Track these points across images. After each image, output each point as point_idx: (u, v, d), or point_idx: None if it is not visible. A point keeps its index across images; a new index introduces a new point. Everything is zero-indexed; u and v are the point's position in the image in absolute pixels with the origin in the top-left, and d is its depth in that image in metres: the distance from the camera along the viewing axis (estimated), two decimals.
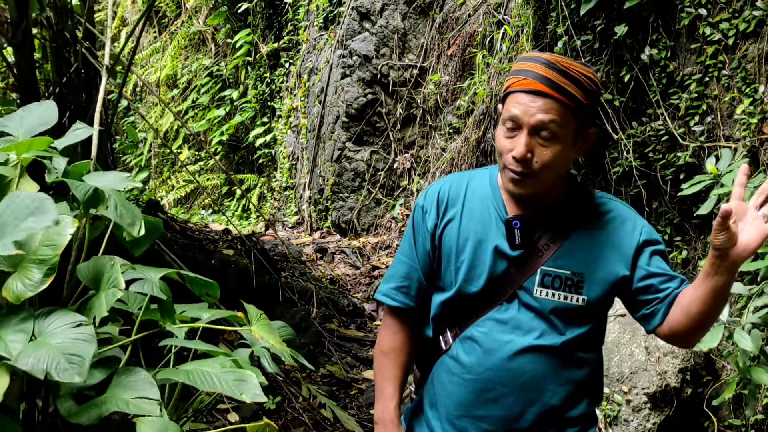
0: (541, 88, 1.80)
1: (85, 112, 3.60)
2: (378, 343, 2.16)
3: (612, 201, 2.00)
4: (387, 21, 7.91)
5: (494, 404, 1.91)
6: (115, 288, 2.01)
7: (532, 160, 1.82)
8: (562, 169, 1.91)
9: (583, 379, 1.95)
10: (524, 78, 1.84)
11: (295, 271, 6.12)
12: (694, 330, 1.85)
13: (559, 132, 1.81)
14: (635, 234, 1.92)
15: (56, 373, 1.77)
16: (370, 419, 4.31)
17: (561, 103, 1.80)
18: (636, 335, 4.15)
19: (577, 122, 1.84)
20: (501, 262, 1.93)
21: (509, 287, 1.92)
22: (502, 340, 1.90)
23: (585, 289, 1.89)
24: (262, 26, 10.70)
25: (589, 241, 1.91)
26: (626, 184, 4.61)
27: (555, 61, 1.83)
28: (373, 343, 5.40)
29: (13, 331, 1.86)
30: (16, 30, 3.35)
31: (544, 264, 1.90)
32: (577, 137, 1.87)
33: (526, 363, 1.89)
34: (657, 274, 1.89)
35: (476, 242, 1.95)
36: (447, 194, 2.04)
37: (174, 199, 11.89)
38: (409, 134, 7.87)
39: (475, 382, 1.93)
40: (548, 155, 1.82)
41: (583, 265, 1.89)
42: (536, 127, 1.80)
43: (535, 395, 1.90)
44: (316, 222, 8.74)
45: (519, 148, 1.81)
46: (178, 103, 12.28)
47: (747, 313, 3.08)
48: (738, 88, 3.93)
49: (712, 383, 4.09)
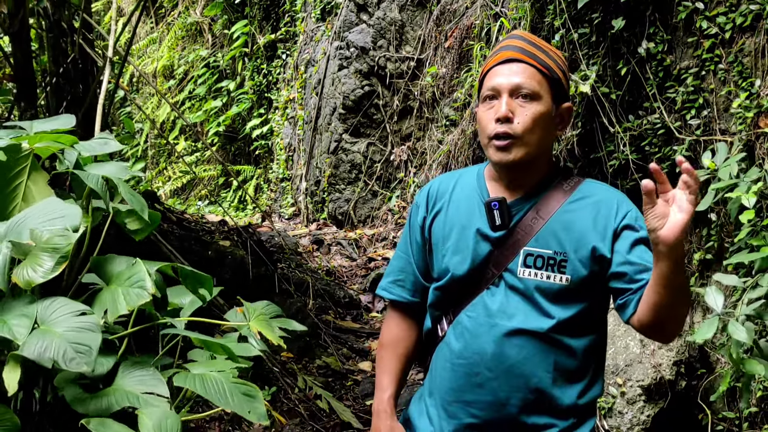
0: (515, 55, 1.93)
1: (81, 102, 3.60)
2: (379, 337, 2.21)
3: (597, 184, 2.01)
4: (384, 13, 7.90)
5: (481, 389, 1.92)
6: (142, 289, 2.03)
7: (514, 120, 1.89)
8: (545, 136, 1.94)
9: (573, 367, 1.92)
10: (499, 53, 1.96)
11: (291, 262, 6.13)
12: (658, 322, 1.81)
13: (536, 92, 1.90)
14: (617, 217, 1.92)
15: (64, 362, 1.79)
16: (365, 410, 4.32)
17: (534, 67, 1.91)
18: (631, 328, 4.16)
19: (552, 90, 1.93)
20: (484, 244, 1.96)
21: (495, 269, 1.94)
22: (489, 324, 1.91)
23: (568, 268, 1.89)
24: (260, 17, 10.68)
25: (572, 221, 1.92)
26: (622, 177, 4.62)
27: (525, 35, 1.98)
28: (368, 334, 5.42)
29: (16, 316, 1.88)
30: (13, 20, 3.35)
31: (526, 244, 1.92)
32: (555, 106, 1.94)
33: (511, 347, 1.89)
34: (634, 263, 1.87)
35: (461, 228, 2.01)
36: (437, 189, 2.12)
37: (170, 190, 11.87)
38: (406, 126, 7.87)
39: (464, 366, 1.95)
40: (529, 114, 1.89)
41: (565, 245, 1.90)
42: (515, 88, 1.90)
43: (521, 381, 1.89)
44: (312, 213, 8.75)
45: (501, 109, 1.89)
46: (175, 94, 12.25)
47: (741, 305, 3.10)
48: (734, 81, 3.94)
49: (706, 376, 4.12)
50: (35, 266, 1.90)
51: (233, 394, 2.03)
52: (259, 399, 2.06)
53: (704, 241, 4.12)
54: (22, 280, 1.88)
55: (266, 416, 2.08)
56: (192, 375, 2.06)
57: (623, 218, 1.92)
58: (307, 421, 4.05)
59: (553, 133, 1.99)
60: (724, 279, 3.23)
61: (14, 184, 2.10)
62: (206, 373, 2.07)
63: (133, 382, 2.05)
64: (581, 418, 1.95)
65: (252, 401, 2.04)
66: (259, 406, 2.05)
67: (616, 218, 1.92)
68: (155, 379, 2.06)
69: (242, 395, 2.04)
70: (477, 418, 1.94)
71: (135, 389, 2.01)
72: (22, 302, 1.96)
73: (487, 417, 1.93)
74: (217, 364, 2.18)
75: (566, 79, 1.99)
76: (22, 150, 2.11)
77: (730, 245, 3.94)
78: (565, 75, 1.98)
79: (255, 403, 2.04)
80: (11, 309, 1.93)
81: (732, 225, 3.92)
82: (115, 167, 2.25)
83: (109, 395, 1.99)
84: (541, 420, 1.91)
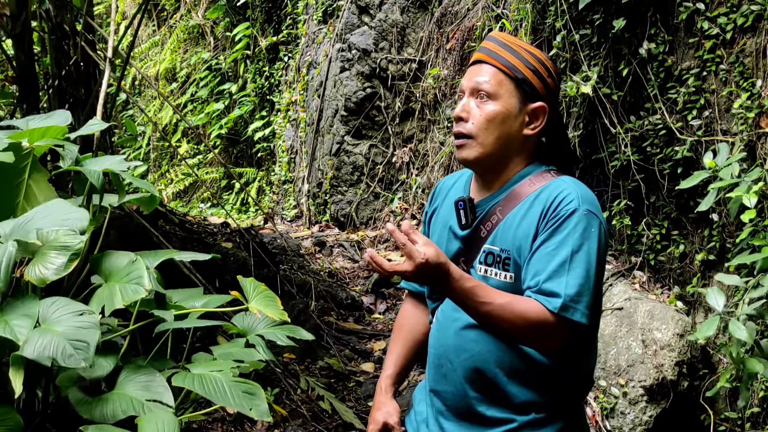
0: (480, 57, 1.98)
1: (84, 104, 3.61)
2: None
3: (560, 181, 1.93)
4: (386, 15, 7.90)
5: (446, 380, 1.99)
6: (138, 285, 2.04)
7: (468, 121, 1.94)
8: (503, 135, 1.94)
9: (528, 366, 1.89)
10: (474, 55, 2.02)
11: (293, 264, 6.13)
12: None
13: (493, 92, 1.93)
14: (542, 215, 1.87)
15: (62, 359, 1.80)
16: (368, 411, 4.32)
17: (497, 68, 1.95)
18: (633, 329, 4.17)
19: (518, 91, 1.94)
20: (454, 241, 2.03)
21: (464, 265, 1.98)
22: (452, 317, 1.97)
23: (511, 266, 1.90)
24: (261, 20, 10.69)
25: (521, 218, 1.91)
26: (624, 178, 4.62)
27: (498, 36, 2.01)
28: (370, 336, 5.42)
29: (18, 316, 1.89)
30: (16, 22, 3.36)
31: (486, 242, 1.95)
32: (521, 107, 1.95)
33: (469, 341, 1.93)
34: (532, 266, 1.85)
35: (443, 225, 2.09)
36: (440, 187, 2.22)
37: (173, 193, 11.88)
38: (408, 128, 7.87)
39: (435, 357, 2.03)
40: (483, 114, 1.93)
41: (510, 243, 1.90)
42: (473, 89, 1.96)
43: (476, 374, 1.92)
44: (314, 215, 8.75)
45: (457, 109, 1.96)
46: (177, 97, 12.27)
47: (742, 304, 3.10)
48: (735, 82, 3.94)
49: (708, 376, 4.11)
50: (47, 264, 1.91)
51: (234, 393, 2.03)
52: (260, 396, 2.06)
53: (706, 242, 4.12)
54: (35, 277, 1.89)
55: (269, 413, 2.08)
56: (191, 375, 2.06)
57: (543, 217, 1.87)
58: (310, 422, 4.05)
59: (520, 132, 1.96)
60: (725, 279, 3.23)
61: (15, 183, 2.11)
62: (205, 373, 2.07)
63: (137, 388, 2.04)
64: (549, 415, 1.91)
65: (253, 398, 2.04)
66: (260, 402, 2.05)
67: (539, 219, 1.87)
68: (161, 386, 2.06)
69: (243, 393, 2.04)
70: (446, 406, 2.00)
71: (139, 396, 2.01)
72: (25, 302, 1.97)
73: (453, 407, 1.98)
74: (218, 364, 2.18)
75: (540, 78, 1.96)
76: (22, 149, 2.11)
77: (732, 245, 3.94)
78: (536, 74, 1.95)
79: (256, 400, 2.04)
80: (14, 309, 1.94)
81: (734, 225, 3.92)
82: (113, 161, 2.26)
83: (114, 401, 1.98)
84: (500, 414, 1.91)
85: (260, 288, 2.34)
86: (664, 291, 4.51)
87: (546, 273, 1.80)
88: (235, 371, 2.11)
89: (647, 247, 4.56)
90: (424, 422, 2.07)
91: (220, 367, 2.14)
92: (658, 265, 4.55)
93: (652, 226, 4.51)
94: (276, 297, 2.37)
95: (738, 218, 3.47)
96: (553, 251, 1.81)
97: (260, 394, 2.07)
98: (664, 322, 4.13)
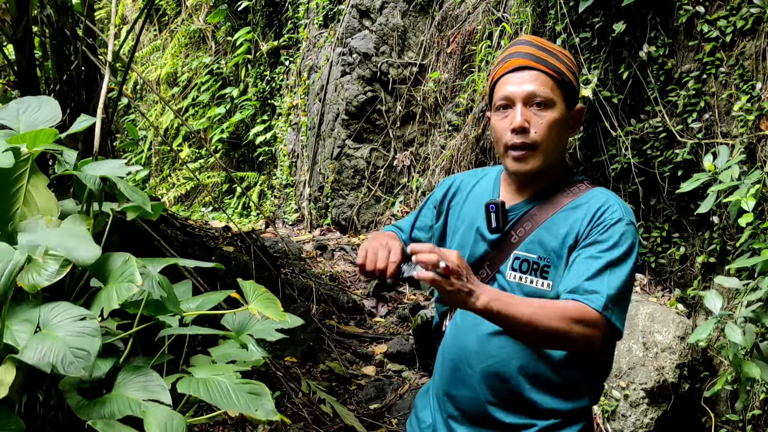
0: (526, 63, 1.92)
1: (85, 109, 3.61)
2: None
3: (599, 192, 1.96)
4: (387, 19, 7.92)
5: (463, 384, 1.96)
6: (131, 283, 2.04)
7: (530, 131, 1.89)
8: (560, 142, 1.95)
9: (553, 375, 1.90)
10: (509, 60, 1.95)
11: (295, 268, 6.14)
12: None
13: (550, 99, 1.89)
14: (583, 226, 1.88)
15: (62, 367, 1.79)
16: (369, 415, 4.33)
17: (546, 73, 1.90)
18: (634, 331, 4.17)
19: (564, 94, 1.92)
20: (481, 244, 2.00)
21: (489, 269, 1.96)
22: (475, 322, 1.91)
23: (551, 274, 1.89)
24: (262, 24, 10.71)
25: (560, 227, 1.91)
26: (624, 181, 4.63)
27: (533, 40, 1.96)
28: (372, 339, 5.42)
29: (20, 321, 1.89)
30: (17, 27, 3.37)
31: (517, 248, 1.93)
32: (568, 110, 1.94)
33: (493, 347, 1.91)
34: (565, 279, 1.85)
35: (468, 225, 2.05)
36: (459, 184, 2.17)
37: (174, 197, 11.90)
38: (409, 132, 7.88)
39: (451, 361, 2.00)
40: (544, 123, 1.89)
41: (550, 251, 1.90)
42: (528, 97, 1.89)
43: (499, 381, 1.90)
44: (316, 219, 8.76)
45: (516, 119, 1.89)
46: (179, 101, 12.29)
47: (740, 307, 3.10)
48: (735, 85, 3.95)
49: (709, 379, 4.11)
50: (40, 270, 1.91)
51: (238, 395, 2.02)
52: (265, 395, 2.05)
53: (707, 244, 4.13)
54: (27, 283, 1.89)
55: (275, 412, 2.06)
56: (195, 380, 2.05)
57: (588, 225, 1.88)
58: (311, 425, 4.06)
59: (568, 137, 2.00)
60: (725, 282, 3.24)
61: (14, 189, 2.11)
62: (210, 378, 2.06)
63: (135, 388, 2.04)
64: (566, 419, 1.92)
65: (258, 399, 2.03)
66: (266, 402, 2.03)
67: (582, 226, 1.89)
68: (158, 386, 2.05)
69: (248, 394, 2.03)
70: (459, 411, 1.97)
71: (137, 396, 2.01)
72: (26, 308, 1.97)
73: (468, 411, 1.96)
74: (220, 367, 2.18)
75: (576, 80, 1.98)
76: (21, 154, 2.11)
77: (732, 248, 3.94)
78: (575, 76, 1.97)
79: (262, 400, 2.03)
80: (15, 315, 1.94)
81: (734, 228, 3.93)
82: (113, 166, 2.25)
83: (112, 402, 1.98)
84: (519, 420, 1.91)
85: (260, 290, 2.33)
86: (664, 294, 4.52)
87: (588, 275, 1.80)
88: (238, 374, 2.10)
89: (648, 250, 4.56)
90: (430, 429, 2.05)
91: (223, 370, 2.14)
92: (658, 267, 4.55)
93: (653, 229, 4.52)
94: (276, 299, 2.36)
95: (738, 221, 3.48)
96: (596, 256, 1.82)
97: (265, 392, 2.06)
98: (664, 325, 4.13)
